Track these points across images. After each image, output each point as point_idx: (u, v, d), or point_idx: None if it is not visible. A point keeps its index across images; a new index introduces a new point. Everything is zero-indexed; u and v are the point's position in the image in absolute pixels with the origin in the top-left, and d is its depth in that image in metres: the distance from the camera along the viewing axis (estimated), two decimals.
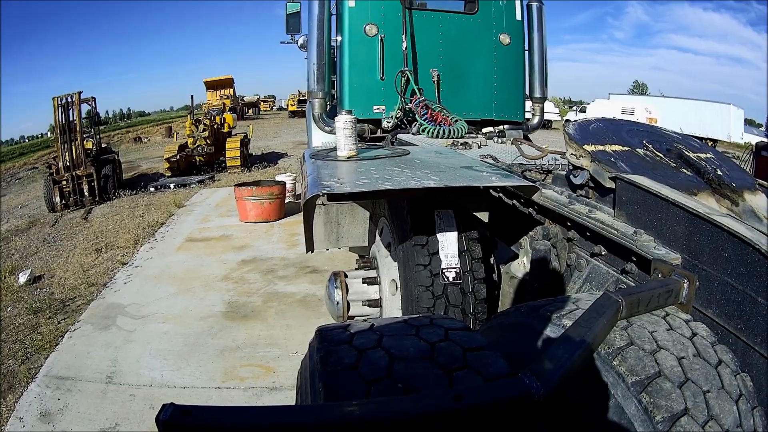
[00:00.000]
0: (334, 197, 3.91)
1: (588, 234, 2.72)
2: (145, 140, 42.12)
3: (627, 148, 2.89)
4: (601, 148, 2.79)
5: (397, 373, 1.42)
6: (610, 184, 2.57)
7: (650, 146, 3.01)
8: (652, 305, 1.77)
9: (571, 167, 2.89)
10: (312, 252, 4.39)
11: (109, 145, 21.20)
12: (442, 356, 1.48)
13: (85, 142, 16.58)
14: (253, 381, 4.96)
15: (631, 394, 1.51)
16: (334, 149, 3.80)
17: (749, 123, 37.61)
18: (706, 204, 2.27)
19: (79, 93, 16.49)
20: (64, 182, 15.52)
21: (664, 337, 1.67)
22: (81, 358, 5.52)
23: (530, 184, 2.94)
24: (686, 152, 3.00)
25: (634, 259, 2.32)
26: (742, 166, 3.41)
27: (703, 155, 3.03)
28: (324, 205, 4.67)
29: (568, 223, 2.91)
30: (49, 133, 39.10)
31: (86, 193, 15.62)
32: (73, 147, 15.81)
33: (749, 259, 1.80)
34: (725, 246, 1.89)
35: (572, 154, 2.79)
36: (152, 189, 17.55)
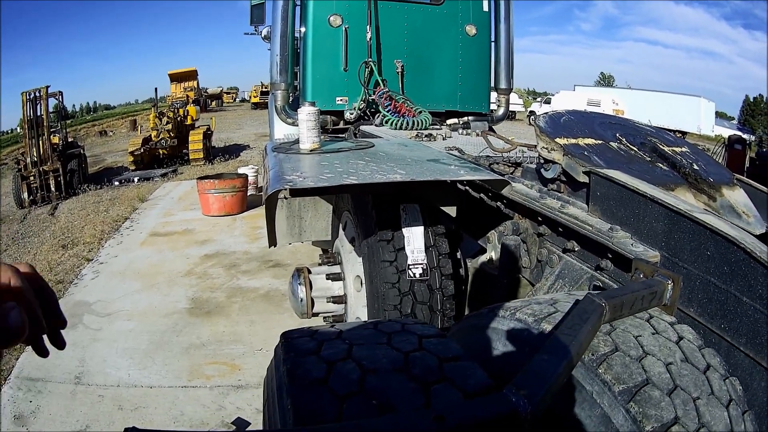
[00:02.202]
0: (297, 192, 3.80)
1: (560, 229, 2.65)
2: (111, 134, 41.58)
3: (600, 142, 2.82)
4: (573, 141, 2.72)
5: (370, 388, 1.31)
6: (583, 179, 2.49)
7: (624, 139, 2.95)
8: (635, 308, 1.69)
9: (541, 161, 2.81)
10: (275, 246, 4.30)
11: (75, 140, 21.03)
12: (418, 368, 1.38)
13: (52, 136, 16.39)
14: (219, 379, 4.90)
15: (619, 403, 1.43)
16: (297, 142, 3.68)
17: (721, 116, 38.59)
18: (686, 200, 2.21)
19: (47, 87, 16.30)
20: (31, 178, 15.35)
21: (650, 341, 1.60)
22: (50, 358, 5.26)
23: (501, 178, 2.86)
24: (661, 146, 2.94)
25: (610, 256, 2.25)
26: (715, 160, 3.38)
27: (678, 149, 2.98)
28: (286, 198, 4.57)
29: (539, 218, 2.84)
30: (18, 129, 38.54)
31: (53, 189, 15.46)
32: (41, 142, 15.62)
33: (733, 257, 1.74)
34: (708, 244, 1.83)
35: (544, 147, 2.71)
36: (116, 183, 17.37)
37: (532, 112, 41.02)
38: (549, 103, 40.22)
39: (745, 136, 20.12)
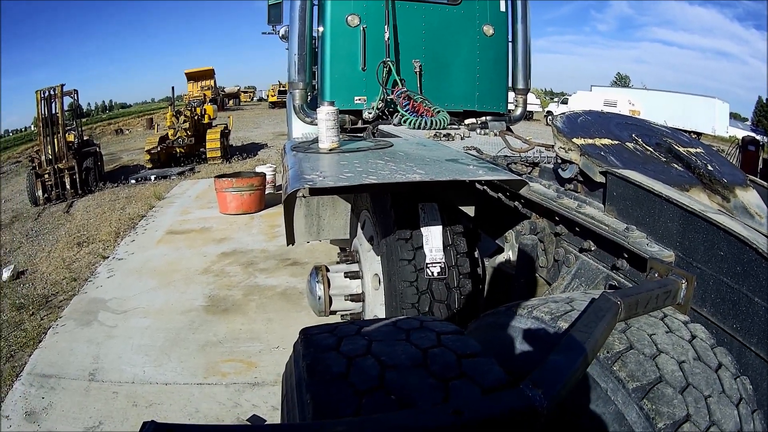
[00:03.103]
0: (316, 191, 3.83)
1: (577, 229, 2.67)
2: (127, 132, 41.97)
3: (617, 142, 2.84)
4: (590, 141, 2.74)
5: (389, 384, 1.33)
6: (600, 179, 2.52)
7: (640, 140, 2.96)
8: (650, 307, 1.72)
9: (559, 161, 2.84)
10: (293, 245, 4.32)
11: (90, 138, 21.21)
12: (436, 364, 1.39)
13: (67, 134, 16.44)
14: (235, 376, 4.92)
15: (632, 400, 1.46)
16: (316, 141, 3.70)
17: (734, 117, 38.40)
18: (700, 201, 2.23)
19: (62, 86, 16.37)
20: (46, 175, 15.42)
21: (664, 340, 1.62)
22: (64, 354, 5.44)
23: (519, 178, 2.88)
24: (676, 147, 2.96)
25: (626, 255, 2.27)
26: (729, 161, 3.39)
27: (693, 150, 2.99)
28: (305, 197, 4.60)
29: (556, 218, 2.86)
30: (32, 127, 38.80)
31: (68, 186, 15.53)
32: (56, 140, 15.69)
33: (746, 258, 1.77)
34: (721, 244, 1.86)
35: (561, 147, 2.74)
36: (133, 181, 17.40)
37: (549, 112, 40.95)
38: (566, 103, 40.20)
39: (758, 137, 19.92)
